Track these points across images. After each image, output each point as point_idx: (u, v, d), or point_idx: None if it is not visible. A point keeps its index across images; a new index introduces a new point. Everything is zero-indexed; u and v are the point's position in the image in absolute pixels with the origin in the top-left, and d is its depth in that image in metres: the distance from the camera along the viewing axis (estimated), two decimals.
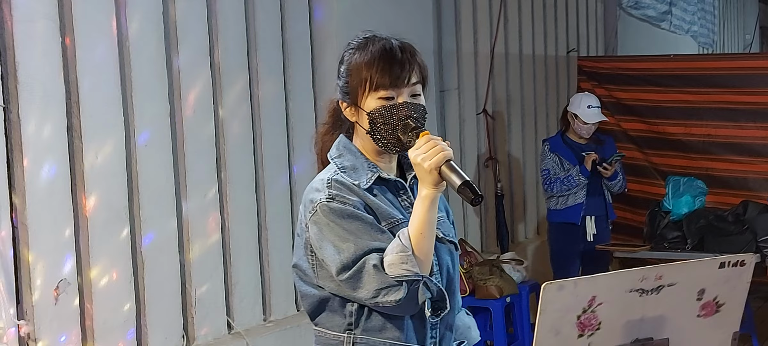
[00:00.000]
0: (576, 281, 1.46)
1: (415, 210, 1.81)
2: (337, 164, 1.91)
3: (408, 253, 1.77)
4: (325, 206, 1.83)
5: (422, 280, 1.79)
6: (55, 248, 3.01)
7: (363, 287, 1.78)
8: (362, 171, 1.89)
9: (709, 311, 1.63)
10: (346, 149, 1.93)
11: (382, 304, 1.79)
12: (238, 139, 3.74)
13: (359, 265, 1.78)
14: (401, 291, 1.76)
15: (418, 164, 1.79)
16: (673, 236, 5.04)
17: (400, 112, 1.85)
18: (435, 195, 1.80)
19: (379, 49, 1.88)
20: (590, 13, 7.14)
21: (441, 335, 1.95)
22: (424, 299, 1.80)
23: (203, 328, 3.57)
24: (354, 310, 1.88)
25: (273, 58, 3.92)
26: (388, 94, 1.86)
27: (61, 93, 3.03)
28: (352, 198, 1.84)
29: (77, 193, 3.12)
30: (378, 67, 1.86)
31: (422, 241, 1.79)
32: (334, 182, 1.86)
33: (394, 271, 1.76)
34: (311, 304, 1.94)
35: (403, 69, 1.86)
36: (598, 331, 1.52)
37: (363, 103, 1.88)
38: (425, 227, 1.79)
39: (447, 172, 1.77)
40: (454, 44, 5.46)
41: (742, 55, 9.00)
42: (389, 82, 1.85)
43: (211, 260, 3.61)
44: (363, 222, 1.82)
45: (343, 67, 1.93)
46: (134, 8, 3.27)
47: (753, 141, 5.85)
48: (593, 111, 5.12)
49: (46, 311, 2.98)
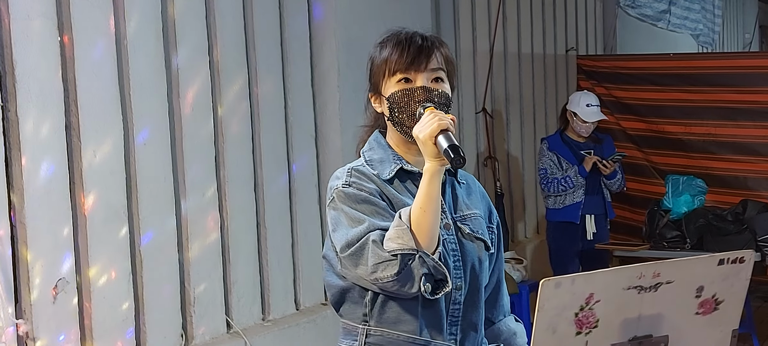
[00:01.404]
0: (573, 278, 1.46)
1: (420, 186, 1.79)
2: (365, 157, 1.93)
3: (404, 227, 1.75)
4: (341, 192, 1.85)
5: (418, 254, 1.75)
6: (54, 246, 3.01)
7: (363, 263, 1.78)
8: (387, 163, 1.90)
9: (707, 308, 1.62)
10: (377, 143, 1.95)
11: (381, 280, 1.77)
12: (236, 137, 3.74)
13: (362, 241, 1.78)
14: (396, 265, 1.74)
15: (417, 137, 1.78)
16: (673, 235, 5.04)
17: (418, 95, 1.83)
18: (436, 168, 1.77)
19: (401, 36, 1.90)
20: (589, 11, 7.14)
21: (463, 334, 1.91)
22: (420, 273, 1.76)
23: (202, 327, 3.57)
24: (368, 301, 1.88)
25: (272, 57, 3.92)
26: (406, 76, 1.86)
27: (59, 91, 3.02)
28: (368, 185, 1.85)
29: (76, 191, 3.11)
30: (396, 50, 1.87)
31: (422, 215, 1.76)
32: (354, 171, 1.88)
33: (389, 245, 1.75)
34: (334, 294, 1.94)
35: (421, 52, 1.86)
36: (596, 328, 1.51)
37: (384, 89, 1.89)
38: (426, 202, 1.76)
39: (440, 139, 1.75)
40: (453, 43, 5.46)
41: (742, 54, 8.99)
42: (405, 64, 1.85)
43: (210, 259, 3.61)
44: (375, 206, 1.82)
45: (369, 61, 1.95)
46: (132, 6, 3.26)
47: (753, 140, 5.85)
48: (592, 109, 5.12)
49: (44, 310, 2.98)
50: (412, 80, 1.86)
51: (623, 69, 6.36)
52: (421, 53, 1.85)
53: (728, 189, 5.79)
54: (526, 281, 5.23)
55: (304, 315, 3.99)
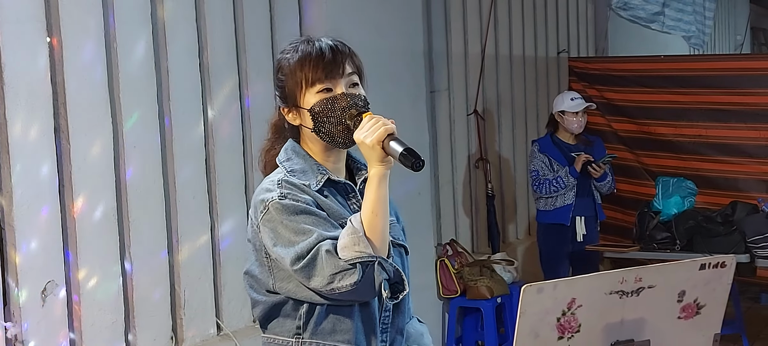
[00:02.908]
0: (555, 283, 1.47)
1: (367, 191, 1.80)
2: (286, 168, 1.89)
3: (359, 234, 1.75)
4: (278, 204, 1.81)
5: (377, 260, 1.76)
6: (43, 249, 3.01)
7: (318, 274, 1.76)
8: (311, 173, 1.88)
9: (689, 312, 1.64)
10: (295, 153, 1.92)
11: (339, 290, 1.76)
12: (227, 140, 3.74)
13: (313, 252, 1.76)
14: (356, 274, 1.74)
15: (362, 142, 1.79)
16: (663, 237, 5.05)
17: (341, 102, 1.85)
18: (383, 172, 1.79)
19: (309, 47, 1.89)
20: (581, 14, 7.15)
21: (391, 339, 1.93)
22: (380, 280, 1.76)
23: (192, 329, 3.57)
24: (303, 313, 1.86)
25: (262, 59, 3.92)
26: (326, 86, 1.86)
27: (48, 94, 3.02)
28: (303, 196, 1.83)
29: (65, 194, 3.11)
30: (311, 63, 1.86)
31: (375, 220, 1.77)
32: (285, 182, 1.85)
33: (346, 254, 1.74)
34: (263, 311, 1.91)
35: (336, 60, 1.87)
36: (578, 333, 1.52)
37: (302, 102, 1.87)
38: (377, 206, 1.78)
39: (390, 144, 1.76)
40: (445, 45, 5.47)
41: (733, 56, 9.03)
42: (324, 74, 1.86)
43: (200, 262, 3.61)
44: (316, 216, 1.81)
45: (278, 72, 1.93)
46: (122, 9, 3.26)
47: (743, 142, 5.87)
48: (577, 101, 5.14)
49: (33, 312, 2.98)
50: (332, 89, 1.87)
51: (614, 71, 6.38)
52: (336, 61, 1.86)
53: (718, 190, 5.81)
54: (517, 282, 5.24)
55: None
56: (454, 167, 5.58)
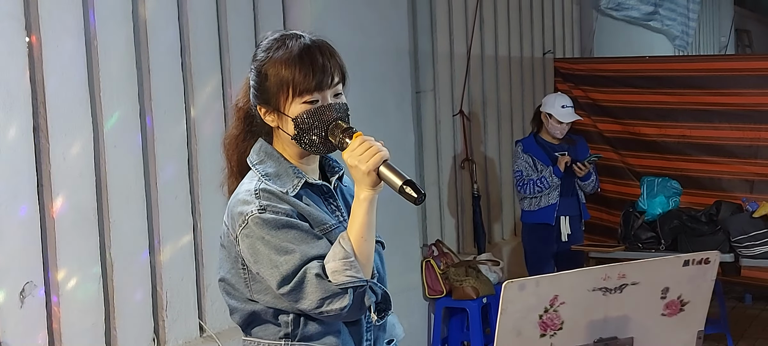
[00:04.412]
0: (538, 279, 1.45)
1: (355, 213, 1.77)
2: (259, 171, 1.83)
3: (351, 259, 1.73)
4: (257, 218, 1.76)
5: (367, 285, 1.76)
6: (22, 250, 2.97)
7: (306, 298, 1.74)
8: (287, 178, 1.83)
9: (673, 309, 1.62)
10: (268, 155, 1.86)
11: (327, 313, 1.75)
12: (209, 139, 3.70)
13: (300, 276, 1.73)
14: (346, 298, 1.73)
15: (355, 167, 1.74)
16: (647, 237, 5.06)
17: (327, 114, 1.80)
18: (373, 197, 1.77)
19: (298, 51, 1.81)
20: (566, 14, 7.16)
21: (375, 337, 1.93)
22: (369, 303, 1.77)
23: (174, 331, 3.54)
24: (290, 320, 1.83)
25: (246, 59, 3.87)
26: (313, 98, 1.80)
27: (26, 93, 2.98)
28: (283, 206, 1.78)
29: (44, 194, 3.07)
30: (300, 71, 1.79)
31: (364, 244, 1.76)
32: (263, 192, 1.79)
33: (337, 278, 1.72)
34: (242, 317, 1.88)
35: (326, 72, 1.80)
36: (561, 330, 1.51)
37: (286, 109, 1.81)
38: (365, 230, 1.76)
39: (385, 172, 1.74)
40: (430, 45, 5.45)
41: (717, 57, 9.06)
42: (314, 85, 1.79)
43: (183, 262, 3.58)
44: (298, 230, 1.77)
45: (258, 69, 1.84)
46: (103, 6, 3.23)
47: (727, 142, 5.89)
48: (567, 110, 5.14)
49: (11, 314, 2.94)
50: (319, 100, 1.81)
51: (600, 72, 6.39)
52: (325, 73, 1.80)
53: (703, 190, 5.83)
54: (502, 282, 5.23)
55: None
56: (440, 168, 5.57)
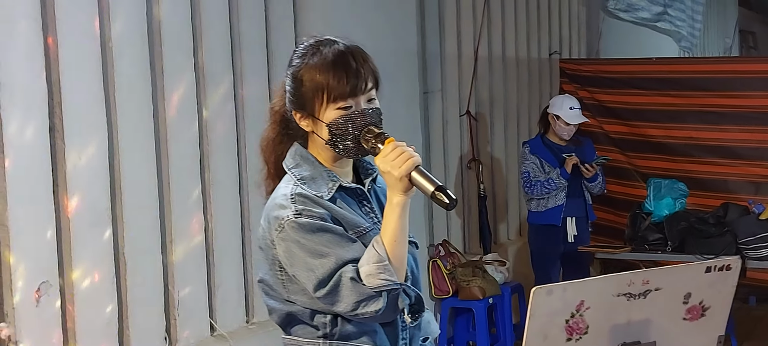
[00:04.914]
0: (564, 285, 1.47)
1: (388, 218, 1.81)
2: (295, 175, 1.87)
3: (385, 262, 1.77)
4: (294, 222, 1.80)
5: (401, 288, 1.79)
6: (37, 249, 2.98)
7: (342, 301, 1.78)
8: (322, 181, 1.87)
9: (694, 314, 1.64)
10: (303, 159, 1.90)
11: (362, 315, 1.78)
12: (221, 140, 3.72)
13: (335, 279, 1.77)
14: (381, 301, 1.76)
15: (388, 172, 1.78)
16: (654, 238, 5.07)
17: (360, 120, 1.83)
18: (406, 201, 1.80)
19: (332, 57, 1.84)
20: (573, 15, 7.18)
21: (411, 335, 1.97)
22: (403, 305, 1.80)
23: (186, 330, 3.56)
24: (328, 320, 1.87)
25: (257, 60, 3.91)
26: (347, 104, 1.84)
27: (43, 94, 3.00)
28: (318, 210, 1.82)
29: (59, 194, 3.09)
30: (335, 77, 1.82)
31: (397, 248, 1.79)
32: (298, 196, 1.83)
33: (372, 282, 1.76)
34: (280, 317, 1.92)
35: (360, 78, 1.84)
36: (586, 335, 1.53)
37: (321, 115, 1.85)
38: (399, 234, 1.79)
39: (418, 178, 1.77)
40: (438, 46, 5.47)
41: (723, 59, 9.08)
42: (348, 91, 1.83)
43: (194, 262, 3.60)
44: (333, 234, 1.80)
45: (294, 75, 1.88)
46: (117, 8, 3.24)
47: (733, 144, 5.91)
48: (575, 112, 5.15)
49: (27, 313, 2.95)
50: (353, 106, 1.84)
51: (606, 73, 6.40)
52: (359, 79, 1.83)
53: (709, 192, 5.84)
54: (508, 282, 5.25)
55: None
56: (447, 168, 5.59)
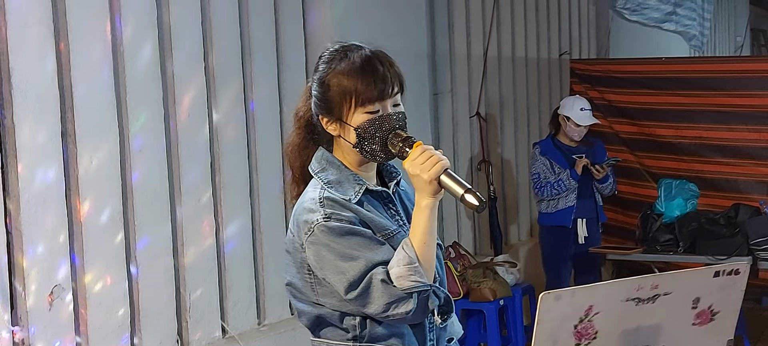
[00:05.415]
0: (573, 290, 1.48)
1: (416, 220, 1.83)
2: (322, 179, 1.90)
3: (415, 264, 1.79)
4: (323, 226, 1.82)
5: (431, 289, 1.82)
6: (50, 253, 3.01)
7: (373, 303, 1.80)
8: (349, 185, 1.89)
9: (704, 319, 1.64)
10: (329, 163, 1.92)
11: (393, 316, 1.80)
12: (232, 143, 3.74)
13: (366, 281, 1.79)
14: (411, 302, 1.78)
15: (417, 176, 1.80)
16: (666, 239, 5.06)
17: (387, 123, 1.86)
18: (434, 204, 1.83)
19: (360, 62, 1.87)
20: (582, 15, 7.16)
21: (437, 336, 1.98)
22: (433, 307, 1.82)
23: (197, 332, 3.58)
24: (357, 322, 1.89)
25: (267, 63, 3.93)
26: (375, 108, 1.87)
27: (55, 98, 3.02)
28: (346, 214, 1.84)
29: (72, 198, 3.11)
30: (363, 81, 1.85)
31: (426, 250, 1.81)
32: (327, 200, 1.85)
33: (403, 283, 1.78)
34: (309, 320, 1.94)
35: (387, 82, 1.87)
36: (595, 340, 1.53)
37: (349, 119, 1.87)
38: (428, 236, 1.82)
39: (447, 181, 1.80)
40: (448, 47, 5.47)
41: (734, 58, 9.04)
42: (376, 95, 1.86)
43: (206, 265, 3.62)
44: (362, 237, 1.83)
45: (321, 80, 1.91)
46: (128, 13, 3.27)
47: (744, 144, 5.88)
48: (586, 113, 5.14)
49: (40, 316, 2.98)
50: (380, 110, 1.87)
51: (616, 73, 6.38)
52: (386, 83, 1.87)
53: (720, 192, 5.81)
54: (519, 284, 5.24)
55: None
56: (457, 169, 5.58)
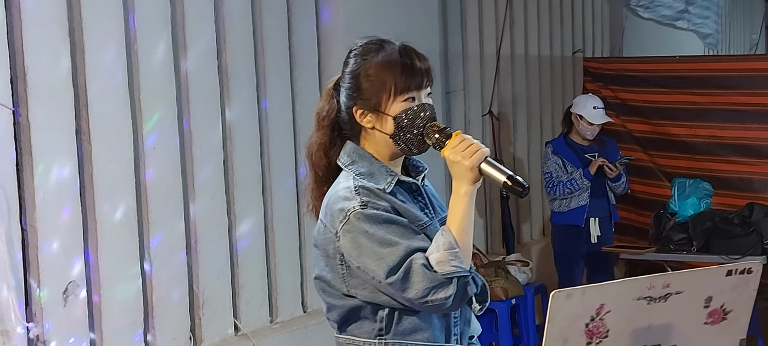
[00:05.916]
0: (584, 289, 1.48)
1: (455, 207, 1.84)
2: (353, 171, 1.91)
3: (456, 249, 1.80)
4: (360, 213, 1.83)
5: (470, 275, 1.82)
6: (64, 250, 3.03)
7: (412, 287, 1.79)
8: (380, 176, 1.90)
9: (716, 318, 1.64)
10: (359, 156, 1.93)
11: (432, 302, 1.80)
12: (245, 141, 3.75)
13: (406, 265, 1.79)
14: (451, 288, 1.79)
15: (458, 162, 1.82)
16: (679, 238, 5.04)
17: (424, 113, 1.89)
18: (473, 191, 1.84)
19: (397, 53, 1.90)
20: (596, 13, 7.14)
21: (461, 331, 1.99)
22: (471, 294, 1.83)
23: (210, 329, 3.59)
24: (385, 316, 1.89)
25: (280, 61, 3.94)
26: (412, 96, 1.89)
27: (70, 96, 3.04)
28: (382, 203, 1.85)
29: (86, 195, 3.13)
30: (403, 71, 1.88)
31: (464, 237, 1.83)
32: (362, 189, 1.86)
33: (443, 268, 1.78)
34: (340, 314, 1.93)
35: (422, 73, 1.90)
36: (607, 338, 1.53)
37: (387, 108, 1.89)
38: (466, 223, 1.83)
39: (488, 169, 1.82)
40: (460, 45, 5.47)
41: (748, 57, 8.97)
42: (414, 83, 1.89)
43: (219, 262, 3.63)
44: (399, 225, 1.84)
45: (355, 72, 1.92)
46: (142, 11, 3.28)
47: (759, 143, 5.84)
48: (598, 112, 5.13)
49: (55, 312, 3.00)
50: (416, 99, 1.90)
51: (629, 71, 6.36)
52: (423, 75, 1.90)
53: (734, 192, 5.78)
54: (531, 283, 5.23)
55: (312, 317, 4.01)
56: None
